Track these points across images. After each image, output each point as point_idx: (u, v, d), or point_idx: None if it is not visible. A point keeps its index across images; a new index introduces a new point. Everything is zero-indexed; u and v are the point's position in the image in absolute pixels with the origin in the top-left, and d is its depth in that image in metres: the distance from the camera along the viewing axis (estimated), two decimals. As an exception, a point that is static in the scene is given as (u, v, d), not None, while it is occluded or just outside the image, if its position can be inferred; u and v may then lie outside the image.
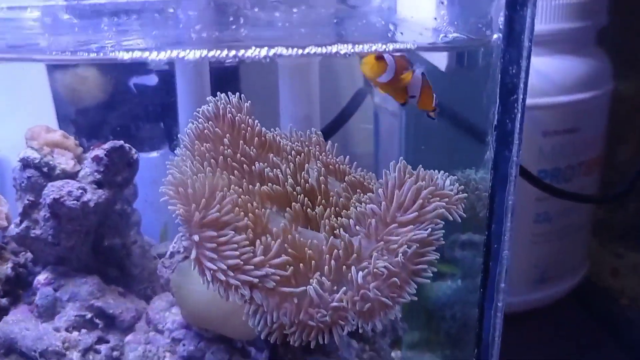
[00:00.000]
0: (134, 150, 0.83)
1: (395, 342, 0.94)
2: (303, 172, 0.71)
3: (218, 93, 0.70)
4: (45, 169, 0.81)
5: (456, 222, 0.65)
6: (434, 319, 0.95)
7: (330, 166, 0.76)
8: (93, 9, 0.86)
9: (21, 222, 0.82)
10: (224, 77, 1.00)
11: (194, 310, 0.78)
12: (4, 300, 0.84)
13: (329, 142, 0.79)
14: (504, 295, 0.66)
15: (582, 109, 1.13)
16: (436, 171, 0.66)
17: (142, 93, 1.06)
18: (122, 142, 0.81)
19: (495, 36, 0.61)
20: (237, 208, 0.61)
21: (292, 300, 0.60)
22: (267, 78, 0.97)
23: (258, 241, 0.60)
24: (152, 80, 1.08)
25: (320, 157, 0.76)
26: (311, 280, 0.61)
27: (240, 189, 0.63)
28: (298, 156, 0.72)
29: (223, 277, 0.58)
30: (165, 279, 0.81)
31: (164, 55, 0.65)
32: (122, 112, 1.07)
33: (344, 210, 0.68)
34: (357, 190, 0.73)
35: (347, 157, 0.77)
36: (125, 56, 0.66)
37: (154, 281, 0.92)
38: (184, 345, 0.82)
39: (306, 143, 0.77)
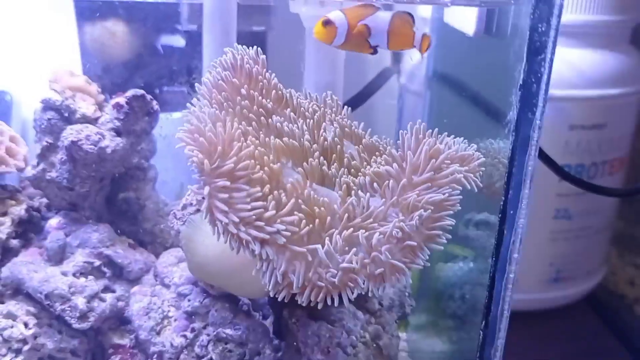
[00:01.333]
0: (154, 102, 0.83)
1: (401, 318, 0.92)
2: (320, 130, 0.69)
3: (236, 44, 0.69)
4: (65, 112, 0.81)
5: (472, 197, 0.63)
6: (442, 300, 0.93)
7: (346, 129, 0.74)
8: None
9: (38, 164, 0.82)
10: (251, 42, 1.00)
11: (201, 263, 0.77)
12: (15, 242, 0.84)
13: (345, 106, 0.78)
14: (516, 267, 0.65)
15: (611, 105, 1.11)
16: (456, 137, 0.65)
17: (169, 53, 1.05)
18: (143, 91, 0.81)
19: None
20: (252, 160, 0.60)
21: (302, 258, 0.59)
22: (294, 45, 0.96)
23: (271, 196, 0.59)
24: (179, 41, 1.07)
25: (336, 119, 0.75)
26: (324, 239, 0.60)
27: (257, 141, 0.62)
28: (315, 114, 0.70)
29: (234, 230, 0.57)
30: (175, 231, 0.80)
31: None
32: (148, 71, 1.07)
33: (360, 171, 0.67)
34: (375, 153, 0.72)
35: (362, 124, 0.76)
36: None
37: (165, 237, 0.92)
38: (189, 300, 0.81)
39: (321, 105, 0.76)
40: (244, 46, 0.69)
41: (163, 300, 0.82)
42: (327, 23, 0.56)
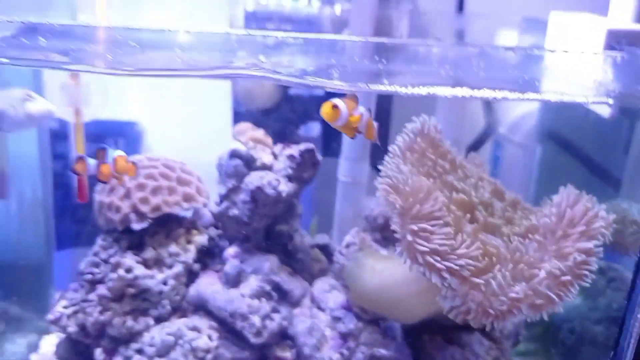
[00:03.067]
0: (319, 154, 0.99)
1: (513, 346, 1.06)
2: (478, 187, 0.85)
3: (422, 115, 0.85)
4: (248, 160, 0.97)
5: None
6: (550, 331, 1.07)
7: (493, 185, 0.90)
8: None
9: (221, 201, 0.99)
10: (382, 101, 1.16)
11: (364, 293, 0.92)
12: (196, 266, 1.00)
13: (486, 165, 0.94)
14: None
15: None
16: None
17: (304, 106, 1.22)
18: (313, 145, 0.97)
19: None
20: (443, 207, 0.75)
21: (479, 289, 0.74)
22: (424, 103, 1.12)
23: (459, 236, 0.74)
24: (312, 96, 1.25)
25: (484, 176, 0.91)
26: (495, 274, 0.75)
27: (442, 193, 0.78)
28: (473, 173, 0.86)
29: (432, 260, 0.72)
30: (340, 266, 0.95)
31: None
32: (281, 116, 1.24)
33: (514, 221, 0.82)
34: (517, 206, 0.87)
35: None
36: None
37: (311, 266, 1.07)
38: (343, 323, 0.96)
39: (472, 163, 0.91)
40: (426, 116, 0.84)
41: (320, 321, 0.97)
42: (335, 107, 0.70)
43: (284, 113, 1.21)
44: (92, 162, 0.78)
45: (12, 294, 1.13)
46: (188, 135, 1.17)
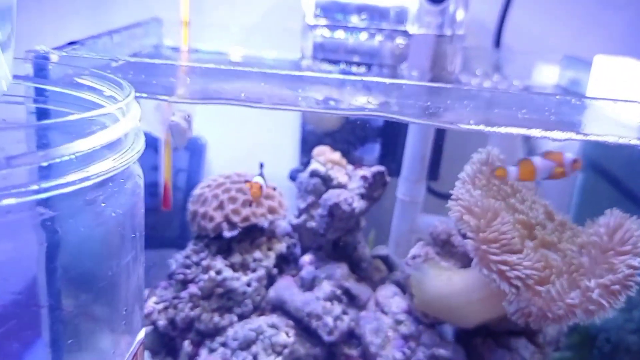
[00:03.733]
0: (387, 175, 1.11)
1: (555, 351, 1.18)
2: (534, 209, 0.98)
3: (487, 147, 0.97)
4: (326, 179, 1.10)
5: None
6: (587, 340, 1.19)
7: (544, 207, 1.03)
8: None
9: (300, 215, 1.11)
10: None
11: (428, 299, 1.04)
12: (275, 270, 1.12)
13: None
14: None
15: None
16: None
17: (364, 130, 1.35)
18: (384, 167, 1.10)
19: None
20: (510, 225, 0.88)
21: (540, 295, 0.87)
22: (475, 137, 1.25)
23: (524, 250, 0.87)
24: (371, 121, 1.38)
25: (536, 199, 1.03)
26: (554, 282, 0.87)
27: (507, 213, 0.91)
28: (528, 195, 0.99)
29: (503, 268, 0.85)
30: (406, 275, 1.08)
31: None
32: (343, 137, 1.37)
33: (565, 239, 0.95)
34: (565, 225, 1.00)
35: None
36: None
37: (373, 275, 1.19)
38: (405, 325, 1.08)
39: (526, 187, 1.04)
40: (490, 147, 0.97)
41: (384, 324, 1.09)
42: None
43: (345, 135, 1.34)
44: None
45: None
46: (257, 152, 1.29)
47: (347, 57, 1.32)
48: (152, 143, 1.27)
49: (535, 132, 0.94)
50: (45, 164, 0.43)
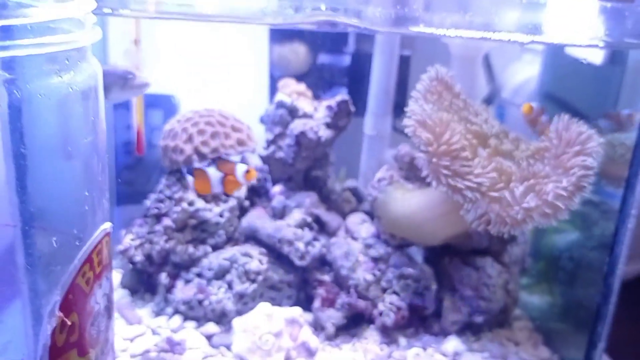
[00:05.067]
0: (352, 105, 1.14)
1: (520, 272, 1.22)
2: (488, 123, 1.01)
3: (436, 65, 1.01)
4: (292, 110, 1.13)
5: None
6: (551, 261, 1.23)
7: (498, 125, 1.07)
8: None
9: (268, 146, 1.14)
10: (400, 65, 1.32)
11: (393, 220, 1.08)
12: (247, 202, 1.15)
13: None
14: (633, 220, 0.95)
15: None
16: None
17: (331, 73, 1.38)
18: (348, 96, 1.13)
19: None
20: (461, 136, 0.91)
21: (496, 201, 0.90)
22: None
23: (476, 159, 0.90)
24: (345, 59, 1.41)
25: (490, 117, 1.07)
26: (510, 188, 0.91)
27: (459, 125, 0.94)
28: (483, 111, 1.03)
29: (453, 182, 0.88)
30: (372, 197, 1.11)
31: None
32: (314, 80, 1.39)
33: (520, 148, 0.99)
34: (521, 141, 1.04)
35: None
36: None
37: (343, 206, 1.22)
38: (374, 249, 1.11)
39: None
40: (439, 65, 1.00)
41: (354, 248, 1.13)
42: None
43: (313, 79, 1.37)
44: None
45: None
46: (229, 104, 1.32)
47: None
48: (125, 103, 1.29)
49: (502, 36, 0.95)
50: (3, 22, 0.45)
